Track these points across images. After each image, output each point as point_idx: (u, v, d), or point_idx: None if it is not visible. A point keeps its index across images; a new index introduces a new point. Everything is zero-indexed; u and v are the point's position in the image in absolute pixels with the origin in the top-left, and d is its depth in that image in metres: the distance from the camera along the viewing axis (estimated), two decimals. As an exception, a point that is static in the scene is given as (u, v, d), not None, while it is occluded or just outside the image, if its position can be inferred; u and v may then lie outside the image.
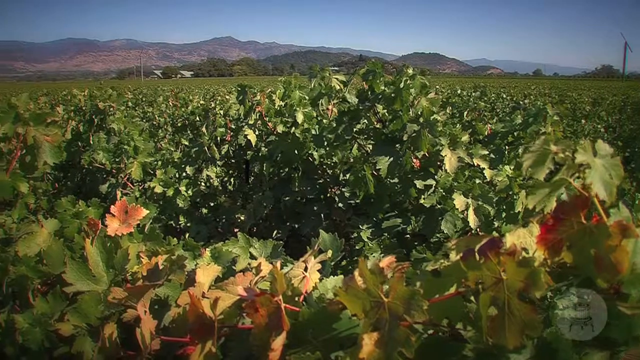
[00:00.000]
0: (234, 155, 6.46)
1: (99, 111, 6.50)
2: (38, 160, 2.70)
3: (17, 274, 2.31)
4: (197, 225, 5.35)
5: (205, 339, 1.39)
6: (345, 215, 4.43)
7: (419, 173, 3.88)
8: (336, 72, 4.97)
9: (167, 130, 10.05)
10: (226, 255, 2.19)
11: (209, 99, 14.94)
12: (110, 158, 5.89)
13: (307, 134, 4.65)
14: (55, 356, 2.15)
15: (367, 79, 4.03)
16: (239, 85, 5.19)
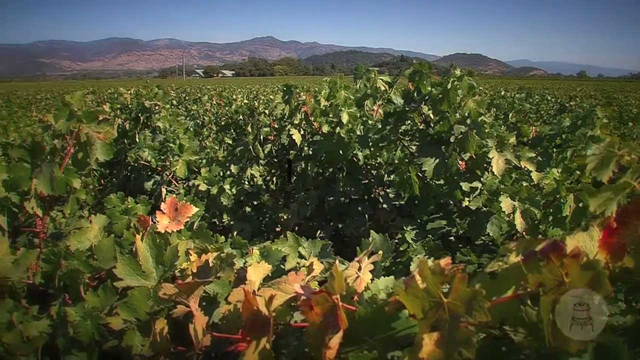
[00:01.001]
0: (276, 154, 6.49)
1: (145, 109, 6.58)
2: (90, 157, 2.74)
3: (69, 268, 2.34)
4: (241, 223, 5.39)
5: (260, 336, 1.40)
6: (389, 216, 4.41)
7: (465, 175, 3.85)
8: (378, 72, 4.96)
9: (211, 129, 10.14)
10: (275, 254, 2.20)
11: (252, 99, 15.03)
12: (156, 156, 5.96)
13: (352, 134, 4.64)
14: (104, 349, 2.18)
15: (414, 80, 4.01)
16: (285, 85, 5.22)
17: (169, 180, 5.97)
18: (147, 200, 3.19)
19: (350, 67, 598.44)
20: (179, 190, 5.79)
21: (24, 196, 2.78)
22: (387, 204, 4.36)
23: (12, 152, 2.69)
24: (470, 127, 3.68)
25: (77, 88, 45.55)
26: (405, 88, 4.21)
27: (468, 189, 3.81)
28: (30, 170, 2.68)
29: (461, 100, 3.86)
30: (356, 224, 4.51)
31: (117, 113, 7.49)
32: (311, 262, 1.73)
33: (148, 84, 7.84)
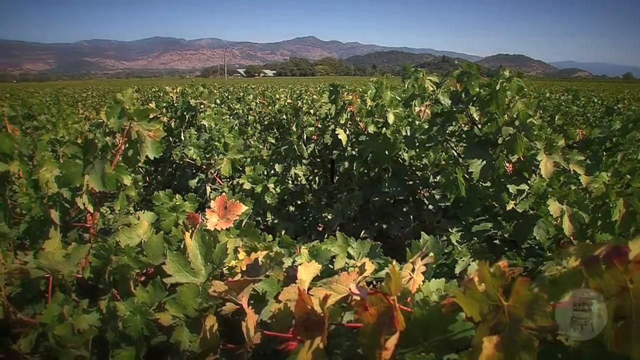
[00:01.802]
0: (319, 154, 6.49)
1: (191, 108, 6.65)
2: (140, 154, 2.78)
3: (119, 263, 2.37)
4: (284, 222, 5.41)
5: (313, 335, 1.40)
6: (434, 217, 4.38)
7: (512, 177, 3.80)
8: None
9: (256, 127, 10.19)
10: (325, 253, 2.19)
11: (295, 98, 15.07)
12: (201, 154, 6.01)
13: (398, 134, 4.63)
14: (152, 344, 2.21)
15: (462, 81, 3.97)
16: (332, 84, 5.22)
17: (213, 178, 6.02)
18: (196, 198, 3.21)
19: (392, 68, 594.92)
20: (223, 188, 5.83)
21: (76, 192, 2.82)
22: (433, 205, 4.33)
23: (65, 149, 2.74)
24: (518, 129, 3.63)
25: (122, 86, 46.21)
26: (453, 89, 4.18)
27: (515, 192, 3.77)
28: (82, 166, 2.72)
29: (510, 102, 3.81)
30: (401, 225, 4.49)
31: (163, 111, 7.58)
32: (363, 263, 1.72)
33: (194, 83, 7.90)
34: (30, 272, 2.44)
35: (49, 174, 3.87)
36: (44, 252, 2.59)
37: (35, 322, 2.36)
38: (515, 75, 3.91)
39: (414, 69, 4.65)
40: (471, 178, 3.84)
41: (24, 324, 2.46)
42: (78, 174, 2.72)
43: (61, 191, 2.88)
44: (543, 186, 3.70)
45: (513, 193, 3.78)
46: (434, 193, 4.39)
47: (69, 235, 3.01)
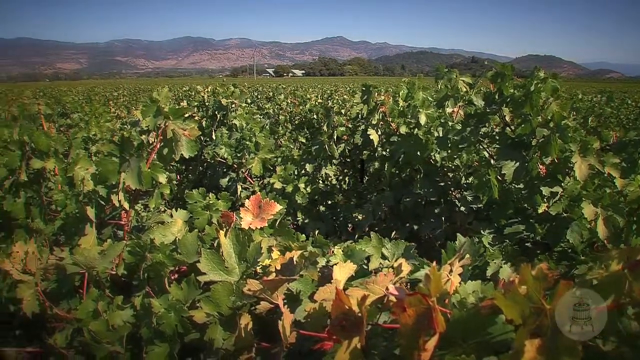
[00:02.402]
0: (349, 154, 6.49)
1: (222, 107, 6.69)
2: (175, 153, 2.80)
3: (154, 260, 2.39)
4: (314, 222, 5.41)
5: (351, 335, 1.39)
6: (466, 219, 4.35)
7: (546, 180, 3.77)
8: None
9: (287, 127, 10.22)
10: (359, 254, 2.19)
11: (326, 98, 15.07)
12: (232, 153, 6.05)
13: (430, 135, 4.61)
14: (185, 341, 2.22)
15: (496, 81, 3.95)
16: (364, 85, 5.22)
17: (244, 177, 6.05)
18: (229, 197, 3.23)
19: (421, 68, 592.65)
20: (254, 187, 5.86)
21: (111, 189, 2.85)
22: (465, 207, 4.31)
23: (102, 146, 2.77)
24: (553, 130, 3.59)
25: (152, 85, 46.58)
26: (487, 90, 4.15)
27: (548, 194, 3.73)
28: (118, 164, 2.75)
29: (544, 103, 3.78)
30: (432, 226, 4.47)
31: (194, 110, 7.63)
32: (400, 264, 1.72)
33: (225, 82, 7.95)
34: (66, 268, 2.47)
35: (83, 171, 3.92)
36: (79, 248, 2.62)
37: (70, 317, 2.40)
38: (550, 76, 3.88)
39: (446, 69, 4.62)
40: (504, 180, 3.81)
41: (59, 319, 2.50)
42: (114, 172, 2.75)
43: (97, 188, 2.91)
44: (577, 189, 3.66)
45: (546, 195, 3.74)
46: (466, 194, 4.37)
47: (103, 232, 3.05)
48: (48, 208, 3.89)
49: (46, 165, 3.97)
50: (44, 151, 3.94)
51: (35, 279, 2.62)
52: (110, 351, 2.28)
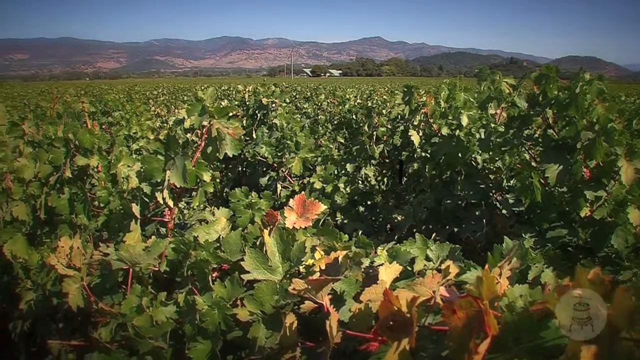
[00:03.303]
0: (388, 155, 6.47)
1: (263, 106, 6.73)
2: (219, 151, 2.82)
3: (198, 258, 2.41)
4: (354, 222, 5.41)
5: (400, 336, 1.39)
6: (507, 222, 4.31)
7: (590, 183, 3.71)
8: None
9: (327, 127, 10.22)
10: (404, 255, 2.18)
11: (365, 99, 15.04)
12: (273, 152, 6.07)
13: (471, 137, 4.58)
14: (227, 339, 2.24)
15: (540, 83, 3.90)
16: (406, 85, 5.20)
17: (284, 176, 6.07)
18: (271, 195, 3.24)
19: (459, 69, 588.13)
20: (293, 186, 5.87)
21: (156, 187, 2.89)
22: (506, 210, 4.27)
23: (149, 144, 2.80)
24: (598, 133, 3.54)
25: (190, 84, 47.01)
26: (530, 91, 4.10)
27: (592, 198, 3.67)
28: (164, 162, 2.78)
29: (589, 106, 3.72)
30: (473, 229, 4.43)
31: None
32: (447, 265, 1.70)
33: (266, 82, 7.99)
34: (111, 264, 2.50)
35: (126, 168, 3.97)
36: (124, 244, 2.66)
37: (115, 312, 2.42)
38: (596, 78, 3.82)
39: (490, 71, 4.58)
40: (547, 183, 3.76)
41: (104, 314, 2.53)
42: (159, 170, 2.78)
43: (141, 186, 2.95)
44: (622, 193, 3.59)
45: (590, 199, 3.69)
46: (507, 197, 4.33)
47: (147, 228, 3.08)
48: (91, 204, 3.94)
49: (90, 162, 4.03)
50: (88, 148, 4.00)
51: (81, 274, 2.66)
52: (154, 346, 2.30)
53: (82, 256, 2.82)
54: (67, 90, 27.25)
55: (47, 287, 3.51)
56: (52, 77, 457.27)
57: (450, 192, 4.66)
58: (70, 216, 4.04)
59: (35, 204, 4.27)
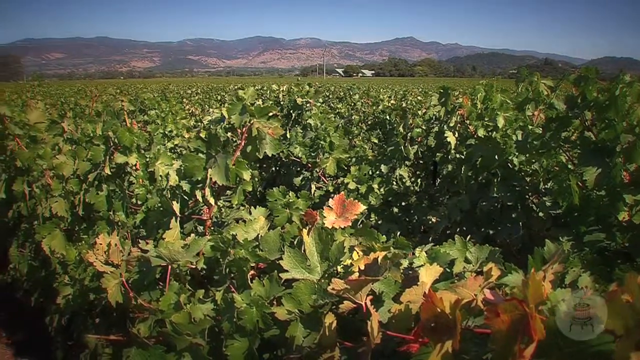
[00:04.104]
0: (422, 156, 6.44)
1: (297, 106, 6.75)
2: (259, 150, 2.84)
3: (237, 256, 2.42)
4: (388, 223, 5.39)
5: (443, 338, 1.39)
6: (544, 225, 4.26)
7: (629, 187, 3.66)
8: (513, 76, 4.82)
9: (361, 127, 10.22)
10: (443, 257, 2.18)
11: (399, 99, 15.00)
12: (307, 152, 6.09)
13: (507, 139, 4.54)
14: (265, 337, 2.25)
15: (579, 85, 3.85)
16: (442, 87, 5.18)
17: (318, 176, 6.08)
18: (308, 195, 3.25)
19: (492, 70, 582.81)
20: (327, 187, 5.88)
21: (195, 185, 2.91)
22: (543, 213, 4.22)
23: (190, 143, 2.83)
24: (638, 136, 3.49)
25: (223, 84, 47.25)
26: (569, 93, 4.05)
27: (632, 202, 3.62)
28: (205, 160, 2.81)
29: (629, 108, 3.67)
30: (508, 231, 4.39)
31: (274, 109, 7.69)
32: (490, 268, 1.70)
33: (300, 82, 8.01)
34: (151, 261, 2.53)
35: (163, 166, 4.01)
36: (163, 241, 2.69)
37: (154, 308, 2.45)
38: (636, 80, 3.77)
39: (528, 72, 4.53)
40: (585, 186, 3.72)
41: (142, 310, 2.56)
42: (200, 168, 2.81)
43: (181, 183, 2.98)
44: (663, 197, 3.55)
45: (629, 203, 3.64)
46: (544, 200, 4.28)
47: (185, 226, 3.11)
48: (129, 202, 3.99)
49: (129, 160, 4.08)
50: (127, 146, 4.05)
51: (120, 270, 2.69)
52: (192, 343, 2.32)
53: (120, 253, 2.86)
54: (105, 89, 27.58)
55: (84, 282, 3.57)
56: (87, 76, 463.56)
57: (485, 194, 4.62)
58: (108, 213, 4.10)
59: (74, 200, 4.34)
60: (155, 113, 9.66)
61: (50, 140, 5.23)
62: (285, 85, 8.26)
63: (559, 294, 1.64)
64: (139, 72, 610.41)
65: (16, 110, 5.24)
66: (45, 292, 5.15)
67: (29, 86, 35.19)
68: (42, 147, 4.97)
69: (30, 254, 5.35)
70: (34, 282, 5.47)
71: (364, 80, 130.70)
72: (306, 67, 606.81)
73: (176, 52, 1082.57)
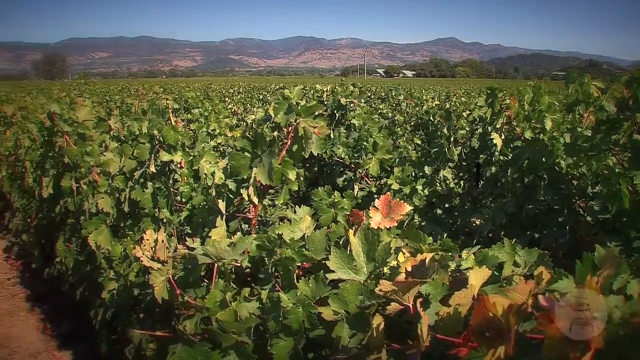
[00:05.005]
0: (465, 157, 6.39)
1: (341, 106, 6.74)
2: (305, 150, 2.84)
3: (282, 255, 2.43)
4: (431, 225, 5.35)
5: (495, 343, 1.37)
6: (591, 229, 4.19)
7: (681, 191, 3.58)
8: (562, 77, 4.74)
9: (405, 128, 10.17)
10: (492, 259, 2.15)
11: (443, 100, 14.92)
12: (350, 153, 6.08)
13: (555, 141, 4.47)
14: (310, 337, 2.25)
15: (631, 87, 3.78)
16: (489, 88, 5.12)
17: (361, 177, 6.06)
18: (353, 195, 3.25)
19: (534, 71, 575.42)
20: (370, 187, 5.86)
21: (241, 184, 2.93)
22: (591, 217, 4.15)
23: (236, 142, 2.85)
24: (692, 140, 3.42)
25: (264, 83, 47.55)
26: (621, 96, 3.97)
27: (683, 207, 3.54)
28: (250, 159, 2.82)
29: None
30: (554, 235, 4.32)
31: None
32: (540, 272, 1.68)
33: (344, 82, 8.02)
34: (198, 258, 2.55)
35: (208, 164, 4.04)
36: (210, 239, 2.71)
37: (201, 306, 2.47)
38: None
39: (578, 73, 4.46)
40: (635, 190, 3.65)
41: (189, 307, 2.58)
42: (246, 167, 2.83)
43: (227, 182, 3.00)
44: None
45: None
46: (592, 204, 4.21)
47: (230, 224, 3.13)
48: (174, 199, 4.03)
49: (174, 158, 4.12)
50: (172, 145, 4.08)
51: (168, 267, 2.72)
52: (237, 341, 2.33)
53: (166, 250, 2.89)
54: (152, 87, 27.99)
55: (129, 278, 3.62)
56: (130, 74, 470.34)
57: (531, 197, 4.56)
58: (153, 210, 4.14)
59: (120, 197, 4.40)
60: (198, 112, 9.75)
61: (98, 137, 5.32)
62: (329, 85, 8.26)
63: (612, 301, 1.61)
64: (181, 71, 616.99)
65: (65, 107, 5.34)
66: (90, 286, 5.24)
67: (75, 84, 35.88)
68: (89, 144, 5.06)
69: (77, 248, 5.45)
70: (79, 276, 5.58)
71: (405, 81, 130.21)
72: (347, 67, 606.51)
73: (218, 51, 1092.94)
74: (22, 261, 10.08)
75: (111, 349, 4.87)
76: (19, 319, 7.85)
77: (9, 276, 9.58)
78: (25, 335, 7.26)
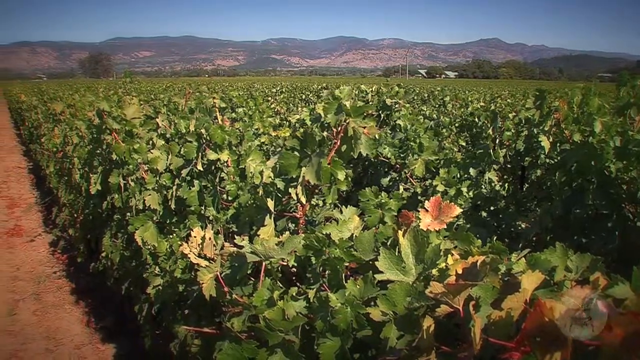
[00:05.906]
0: (510, 160, 6.33)
1: (386, 107, 6.73)
2: (354, 150, 2.85)
3: (331, 255, 2.43)
4: (476, 227, 5.30)
5: (550, 349, 1.36)
6: (642, 236, 4.12)
7: None
8: (609, 79, 4.64)
9: (451, 130, 10.11)
10: (544, 263, 2.13)
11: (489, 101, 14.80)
12: (396, 153, 6.07)
13: (604, 144, 4.40)
14: (357, 337, 2.25)
15: (685, 90, 3.71)
16: (537, 89, 5.05)
17: (406, 177, 6.05)
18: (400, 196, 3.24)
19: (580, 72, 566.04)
20: (415, 188, 5.84)
21: (289, 182, 2.95)
22: (641, 222, 4.08)
23: (287, 141, 2.86)
24: None
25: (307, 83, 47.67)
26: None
27: None
28: (299, 159, 2.83)
29: None
30: (603, 241, 4.25)
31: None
32: (597, 277, 1.66)
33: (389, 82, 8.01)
34: (246, 257, 2.57)
35: (254, 163, 4.07)
36: (258, 238, 2.73)
37: (249, 304, 2.49)
38: None
39: (629, 75, 4.39)
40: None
41: (236, 304, 2.60)
42: (294, 166, 2.84)
43: (275, 181, 3.02)
44: None
45: None
46: (642, 210, 4.13)
47: (277, 223, 3.15)
48: (220, 197, 4.07)
49: (220, 156, 4.15)
50: (219, 143, 4.12)
51: (216, 265, 2.75)
52: (284, 340, 2.35)
53: (214, 247, 2.92)
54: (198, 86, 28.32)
55: (174, 274, 3.65)
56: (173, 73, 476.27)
57: (579, 201, 4.49)
58: (200, 208, 4.19)
59: (167, 194, 4.46)
60: (242, 111, 9.83)
61: (145, 135, 5.40)
62: (375, 86, 8.26)
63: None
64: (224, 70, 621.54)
65: (113, 105, 5.43)
66: (135, 282, 5.32)
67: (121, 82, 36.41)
68: (137, 142, 5.14)
69: (122, 244, 5.54)
70: (124, 271, 5.67)
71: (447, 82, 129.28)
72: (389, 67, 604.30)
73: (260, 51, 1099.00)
74: (68, 255, 10.29)
75: (155, 344, 4.93)
76: (64, 311, 8.02)
77: (55, 270, 9.79)
78: (70, 328, 7.42)
